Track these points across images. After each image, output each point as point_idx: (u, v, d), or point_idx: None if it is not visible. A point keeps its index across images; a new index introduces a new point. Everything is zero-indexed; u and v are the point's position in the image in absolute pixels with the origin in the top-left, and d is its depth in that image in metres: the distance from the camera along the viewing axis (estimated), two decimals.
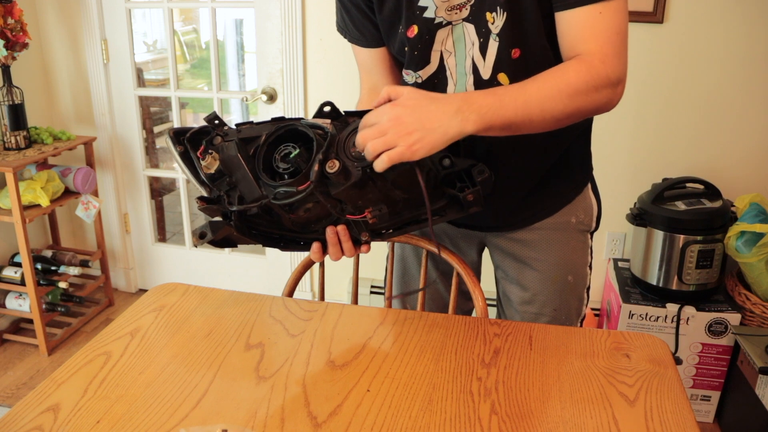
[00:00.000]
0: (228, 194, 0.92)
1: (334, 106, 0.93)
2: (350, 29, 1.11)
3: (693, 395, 2.04)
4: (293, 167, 0.89)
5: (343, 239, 0.95)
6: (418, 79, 1.05)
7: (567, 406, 0.85)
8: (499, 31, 0.97)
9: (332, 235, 0.95)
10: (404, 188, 0.92)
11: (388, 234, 0.99)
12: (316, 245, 0.97)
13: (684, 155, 2.14)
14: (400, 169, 0.88)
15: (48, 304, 2.45)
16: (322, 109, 0.93)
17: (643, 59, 2.06)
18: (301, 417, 0.82)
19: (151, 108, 3.17)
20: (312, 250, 0.98)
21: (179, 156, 0.93)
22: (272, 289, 2.66)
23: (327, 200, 0.89)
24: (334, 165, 0.85)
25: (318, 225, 0.95)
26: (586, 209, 1.18)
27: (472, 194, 0.93)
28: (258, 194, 0.89)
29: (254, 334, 1.02)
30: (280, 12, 2.29)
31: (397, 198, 0.93)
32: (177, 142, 0.93)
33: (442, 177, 0.94)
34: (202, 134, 0.94)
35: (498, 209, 1.14)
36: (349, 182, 0.86)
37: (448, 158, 0.93)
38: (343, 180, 0.86)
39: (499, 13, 0.96)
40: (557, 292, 1.19)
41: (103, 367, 0.93)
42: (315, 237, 0.98)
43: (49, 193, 2.35)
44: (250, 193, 0.89)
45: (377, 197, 0.91)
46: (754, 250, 1.83)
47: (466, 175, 0.94)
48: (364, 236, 0.95)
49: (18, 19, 2.22)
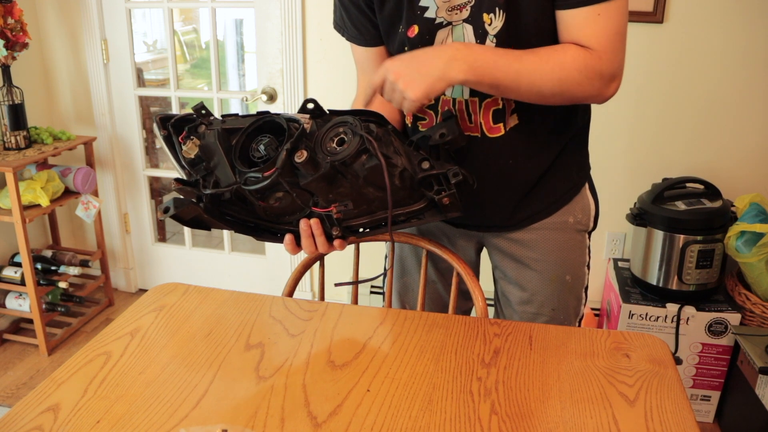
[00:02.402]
0: (204, 179, 0.95)
1: (317, 104, 0.96)
2: (348, 27, 1.11)
3: (693, 395, 2.04)
4: (265, 156, 0.92)
5: (316, 233, 0.96)
6: None
7: (567, 406, 0.85)
8: (496, 33, 0.97)
9: (305, 227, 0.97)
10: (376, 186, 0.93)
11: (364, 233, 1.00)
12: (289, 237, 0.99)
13: (684, 155, 2.14)
14: (371, 165, 0.90)
15: (48, 304, 2.45)
16: (305, 106, 0.96)
17: (643, 59, 2.06)
18: (301, 417, 0.82)
19: (151, 108, 3.17)
20: (285, 242, 1.00)
21: (163, 139, 0.99)
22: (272, 289, 2.65)
23: (293, 190, 0.92)
24: (302, 155, 0.88)
25: (292, 217, 0.98)
26: (584, 209, 1.18)
27: (447, 197, 0.95)
28: (232, 180, 0.92)
29: (254, 334, 1.02)
30: (280, 12, 2.29)
31: (371, 196, 0.95)
32: (162, 126, 0.98)
33: (420, 179, 0.95)
34: (187, 121, 0.98)
35: (494, 210, 1.14)
36: (318, 174, 0.89)
37: (427, 161, 0.95)
38: (311, 170, 0.89)
39: (498, 15, 0.96)
40: (555, 292, 1.19)
41: (103, 367, 0.93)
42: (289, 229, 1.00)
43: (49, 193, 2.35)
44: (225, 178, 0.93)
45: (347, 193, 0.93)
46: (754, 250, 1.83)
47: (444, 178, 0.96)
48: (335, 231, 0.97)
49: (18, 19, 2.22)
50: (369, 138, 0.90)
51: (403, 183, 0.94)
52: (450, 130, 0.98)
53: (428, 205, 0.99)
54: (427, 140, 1.00)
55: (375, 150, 0.89)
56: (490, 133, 1.06)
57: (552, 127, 1.08)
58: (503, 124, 1.05)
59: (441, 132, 0.99)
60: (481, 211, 1.13)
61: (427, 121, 1.11)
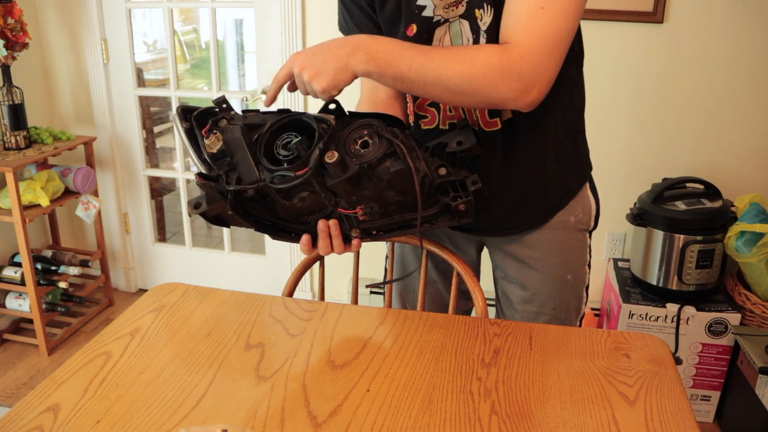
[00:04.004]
0: (227, 174, 0.94)
1: (339, 105, 0.96)
2: (352, 29, 1.11)
3: (693, 395, 2.04)
4: (293, 154, 0.92)
5: (333, 233, 0.96)
6: None
7: (567, 406, 0.85)
8: (486, 28, 0.97)
9: (324, 227, 0.96)
10: (399, 190, 0.93)
11: (378, 236, 1.00)
12: (306, 237, 0.99)
13: (684, 155, 2.14)
14: (397, 169, 0.90)
15: (48, 304, 2.45)
16: (327, 107, 0.96)
17: (643, 59, 2.06)
18: (301, 417, 0.82)
19: (151, 108, 3.17)
20: (301, 242, 0.99)
21: (185, 132, 0.96)
22: (272, 289, 2.65)
23: (322, 190, 0.91)
24: (333, 155, 0.88)
25: (311, 217, 0.97)
26: (585, 208, 1.18)
27: (464, 204, 0.95)
28: (256, 177, 0.91)
29: (254, 334, 1.02)
30: (280, 12, 2.29)
31: (391, 199, 0.95)
32: (184, 118, 0.96)
33: (436, 185, 0.95)
34: (209, 114, 0.96)
35: (492, 216, 1.14)
36: (346, 175, 0.89)
37: (444, 167, 0.95)
38: (340, 172, 0.89)
39: (487, 10, 0.96)
40: (557, 291, 1.19)
41: (103, 367, 0.93)
42: (306, 229, 1.00)
43: (49, 193, 2.34)
44: (249, 175, 0.92)
45: (371, 195, 0.93)
46: (754, 250, 1.83)
47: (461, 185, 0.96)
48: (354, 232, 0.97)
49: (18, 19, 2.22)
50: (398, 143, 0.90)
51: (423, 188, 0.94)
52: (467, 138, 0.98)
53: (442, 210, 0.99)
54: (442, 147, 0.99)
55: (404, 154, 0.90)
56: (487, 128, 1.06)
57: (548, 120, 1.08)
58: (499, 118, 1.05)
59: (458, 140, 0.99)
60: (480, 213, 1.13)
61: (429, 118, 1.11)
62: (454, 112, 1.08)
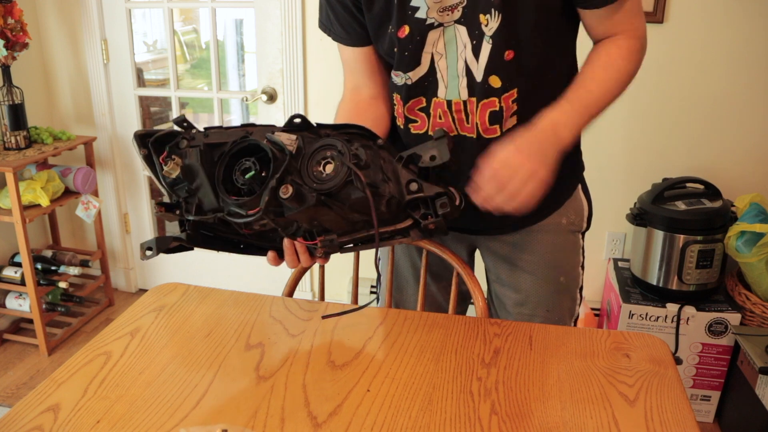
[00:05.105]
0: (187, 201, 0.93)
1: (304, 119, 0.93)
2: (335, 27, 1.10)
3: (693, 395, 2.04)
4: (249, 188, 0.89)
5: (299, 250, 0.97)
6: (408, 81, 1.04)
7: (567, 406, 0.85)
8: (492, 33, 0.96)
9: (289, 246, 0.97)
10: (361, 212, 0.91)
11: (347, 249, 0.98)
12: (272, 254, 0.99)
13: (684, 155, 2.14)
14: (357, 197, 0.88)
15: (48, 304, 2.45)
16: (292, 121, 0.93)
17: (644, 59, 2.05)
18: (301, 417, 0.82)
19: (151, 108, 3.17)
20: (268, 258, 1.00)
21: (143, 159, 0.94)
22: (272, 289, 2.65)
23: (277, 223, 0.90)
24: (288, 191, 0.85)
25: (275, 234, 0.96)
26: (577, 210, 1.18)
27: (433, 224, 0.93)
28: (215, 205, 0.90)
29: (254, 334, 1.02)
30: (280, 12, 2.29)
31: (356, 218, 0.93)
32: (142, 144, 0.94)
33: (407, 201, 0.93)
34: (169, 137, 0.94)
35: (483, 216, 1.13)
36: (303, 207, 0.87)
37: (416, 182, 0.93)
38: (297, 204, 0.87)
39: (494, 15, 0.95)
40: (549, 294, 1.19)
41: (103, 367, 0.93)
42: (272, 246, 0.99)
43: (49, 193, 2.35)
44: (208, 201, 0.91)
45: (334, 218, 0.91)
46: (754, 250, 1.83)
47: (432, 203, 0.93)
48: (318, 252, 0.96)
49: (18, 19, 2.22)
50: (356, 171, 0.87)
51: (390, 209, 0.92)
52: (441, 153, 0.94)
53: (414, 224, 0.96)
54: (417, 159, 0.95)
55: (363, 186, 0.87)
56: (486, 134, 1.04)
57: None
58: (500, 126, 1.03)
59: (431, 154, 0.94)
60: (473, 214, 1.13)
61: (419, 123, 1.08)
62: (443, 119, 1.05)
